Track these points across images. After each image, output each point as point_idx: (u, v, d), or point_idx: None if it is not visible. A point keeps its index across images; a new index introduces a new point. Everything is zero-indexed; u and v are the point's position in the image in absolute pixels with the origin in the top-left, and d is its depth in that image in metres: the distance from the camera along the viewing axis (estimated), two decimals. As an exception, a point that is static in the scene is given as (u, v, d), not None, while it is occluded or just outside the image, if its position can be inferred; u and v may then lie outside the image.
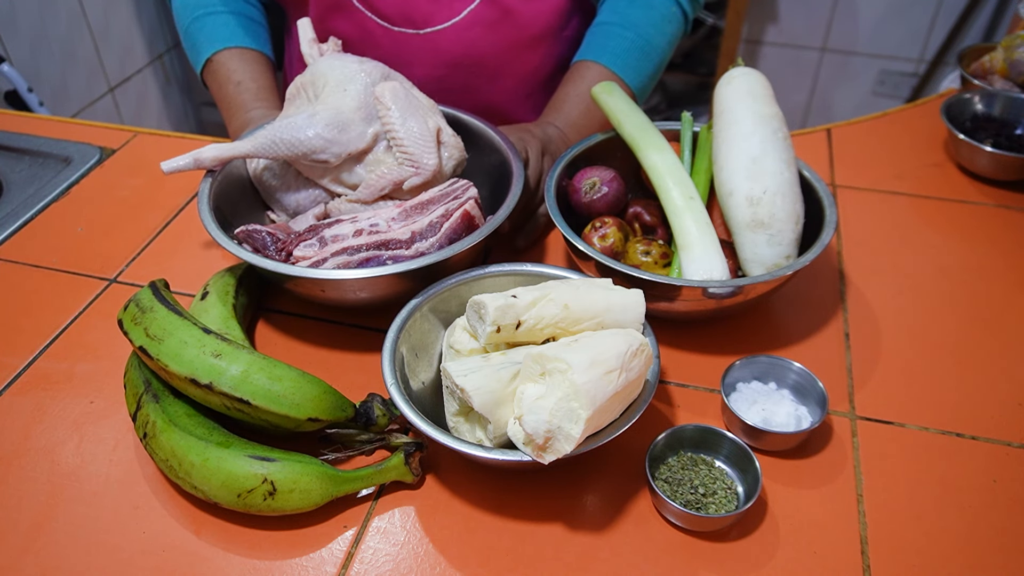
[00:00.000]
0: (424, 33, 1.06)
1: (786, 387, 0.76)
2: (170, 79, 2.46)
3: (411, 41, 1.07)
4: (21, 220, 1.02)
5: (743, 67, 0.91)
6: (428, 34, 1.06)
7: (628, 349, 0.62)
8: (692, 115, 0.94)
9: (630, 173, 0.93)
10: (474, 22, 1.06)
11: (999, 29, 2.30)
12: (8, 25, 1.86)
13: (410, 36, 1.07)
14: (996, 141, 1.08)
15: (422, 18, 1.06)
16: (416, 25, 1.06)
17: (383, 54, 1.08)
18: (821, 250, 0.79)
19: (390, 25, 1.06)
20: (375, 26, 1.07)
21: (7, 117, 1.24)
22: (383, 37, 1.08)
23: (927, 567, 0.64)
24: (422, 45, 1.07)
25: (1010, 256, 0.96)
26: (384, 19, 1.06)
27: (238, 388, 0.67)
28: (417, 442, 0.70)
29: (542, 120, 1.04)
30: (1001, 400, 0.78)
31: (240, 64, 1.06)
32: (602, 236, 0.84)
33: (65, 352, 0.84)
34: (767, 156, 0.82)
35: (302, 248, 0.80)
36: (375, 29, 1.07)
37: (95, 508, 0.69)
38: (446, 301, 0.78)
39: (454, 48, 1.07)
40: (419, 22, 1.06)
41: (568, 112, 1.03)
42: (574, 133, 1.02)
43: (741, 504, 0.67)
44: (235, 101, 1.05)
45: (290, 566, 0.65)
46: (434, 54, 1.08)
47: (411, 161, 0.86)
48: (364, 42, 1.08)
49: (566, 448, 0.60)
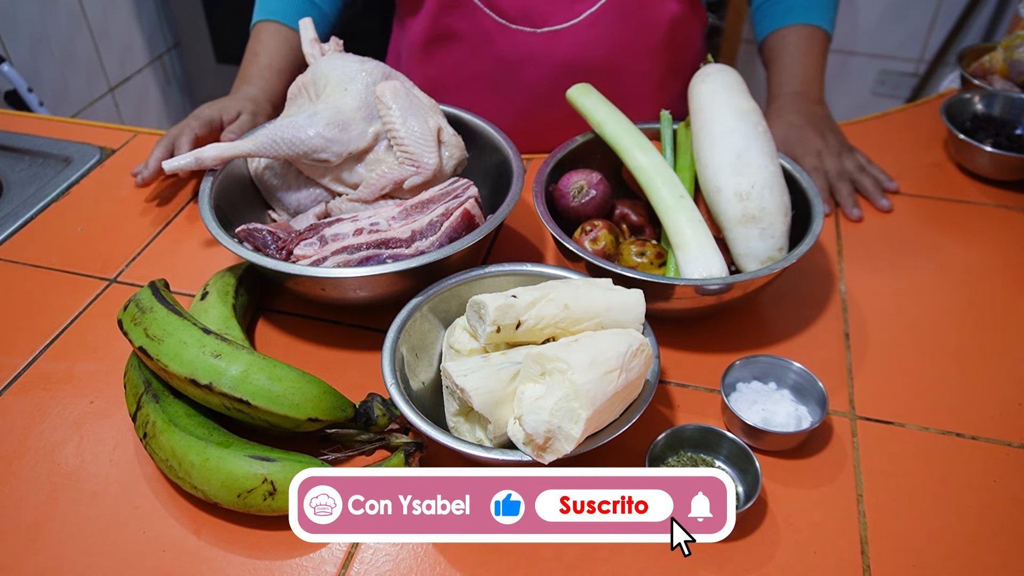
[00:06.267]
0: (541, 32, 1.07)
1: (786, 387, 0.76)
2: (170, 79, 2.46)
3: (527, 40, 1.08)
4: (21, 220, 1.02)
5: (716, 64, 0.92)
6: (545, 33, 1.07)
7: (628, 349, 0.62)
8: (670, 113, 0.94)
9: (611, 174, 0.93)
10: (593, 24, 1.06)
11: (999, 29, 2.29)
12: (8, 25, 1.86)
13: (527, 35, 1.07)
14: (996, 141, 1.08)
15: (541, 17, 1.06)
16: (535, 24, 1.07)
17: (498, 52, 1.09)
18: (814, 240, 0.80)
19: (508, 23, 1.07)
20: (492, 24, 1.07)
21: (7, 117, 1.24)
22: (499, 35, 1.08)
23: (927, 567, 0.64)
24: (538, 44, 1.08)
25: (1010, 256, 0.96)
26: (503, 17, 1.06)
27: (238, 388, 0.66)
28: (417, 442, 0.70)
29: (781, 108, 1.08)
30: (1001, 400, 0.78)
31: (269, 38, 1.10)
32: (593, 239, 0.84)
33: (65, 352, 0.84)
34: (751, 150, 0.82)
35: (302, 247, 0.80)
36: (492, 27, 1.07)
37: (95, 508, 0.69)
38: (446, 301, 0.78)
39: (570, 49, 1.08)
40: (538, 21, 1.07)
41: (794, 77, 1.09)
42: (815, 88, 1.09)
43: (741, 504, 0.67)
44: (245, 71, 1.11)
45: (290, 566, 0.65)
46: (549, 54, 1.08)
47: (411, 160, 0.86)
48: (479, 40, 1.09)
49: (566, 448, 0.60)
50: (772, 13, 1.13)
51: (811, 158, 1.03)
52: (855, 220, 1.00)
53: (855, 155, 1.05)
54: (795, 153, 1.02)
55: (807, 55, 1.10)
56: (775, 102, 1.10)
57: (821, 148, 1.03)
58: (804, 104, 1.07)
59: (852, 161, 1.04)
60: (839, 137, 1.06)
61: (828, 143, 1.04)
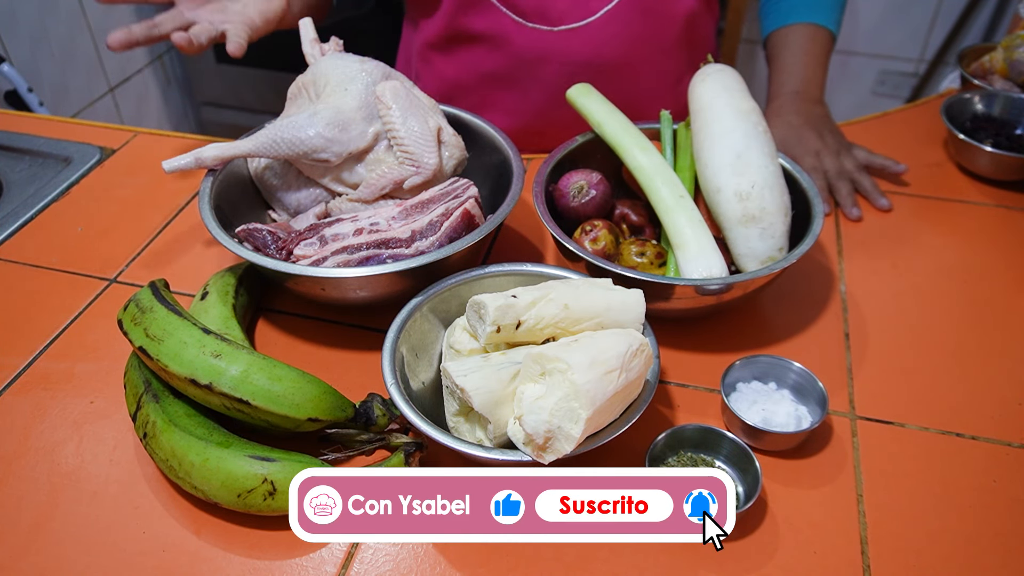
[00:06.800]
0: (558, 31, 1.07)
1: (786, 387, 0.76)
2: (170, 79, 2.46)
3: (544, 38, 1.08)
4: (21, 220, 1.02)
5: (716, 64, 0.92)
6: (562, 32, 1.07)
7: (628, 349, 0.62)
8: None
9: (611, 173, 0.93)
10: (610, 21, 1.06)
11: (999, 29, 2.29)
12: (8, 25, 1.86)
13: (544, 33, 1.07)
14: (996, 141, 1.08)
15: (558, 15, 1.06)
16: (551, 22, 1.07)
17: (515, 51, 1.09)
18: (814, 240, 0.80)
19: (525, 21, 1.07)
20: (509, 22, 1.07)
21: (7, 117, 1.24)
22: (516, 34, 1.08)
23: (927, 567, 0.64)
24: (555, 43, 1.08)
25: (1010, 256, 0.96)
26: (520, 15, 1.06)
27: (238, 388, 0.66)
28: (417, 442, 0.70)
29: (780, 108, 1.08)
30: (1001, 400, 0.78)
31: None
32: (593, 239, 0.84)
33: (65, 352, 0.84)
34: (751, 150, 0.82)
35: (302, 247, 0.80)
36: (509, 25, 1.07)
37: (95, 508, 0.69)
38: (446, 301, 0.78)
39: (587, 47, 1.08)
40: (555, 19, 1.07)
41: (794, 77, 1.09)
42: (814, 88, 1.09)
43: (741, 504, 0.67)
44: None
45: (290, 566, 0.65)
46: (566, 52, 1.08)
47: (412, 160, 0.86)
48: (496, 39, 1.09)
49: (566, 448, 0.60)
50: (777, 10, 1.14)
51: (810, 158, 1.03)
52: (855, 220, 1.00)
53: (854, 154, 1.05)
54: (794, 153, 1.02)
55: (808, 54, 1.10)
56: (774, 102, 1.10)
57: (820, 148, 1.03)
58: (803, 104, 1.07)
59: (851, 160, 1.04)
60: (838, 137, 1.06)
61: (827, 143, 1.04)
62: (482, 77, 1.13)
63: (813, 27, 1.11)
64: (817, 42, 1.11)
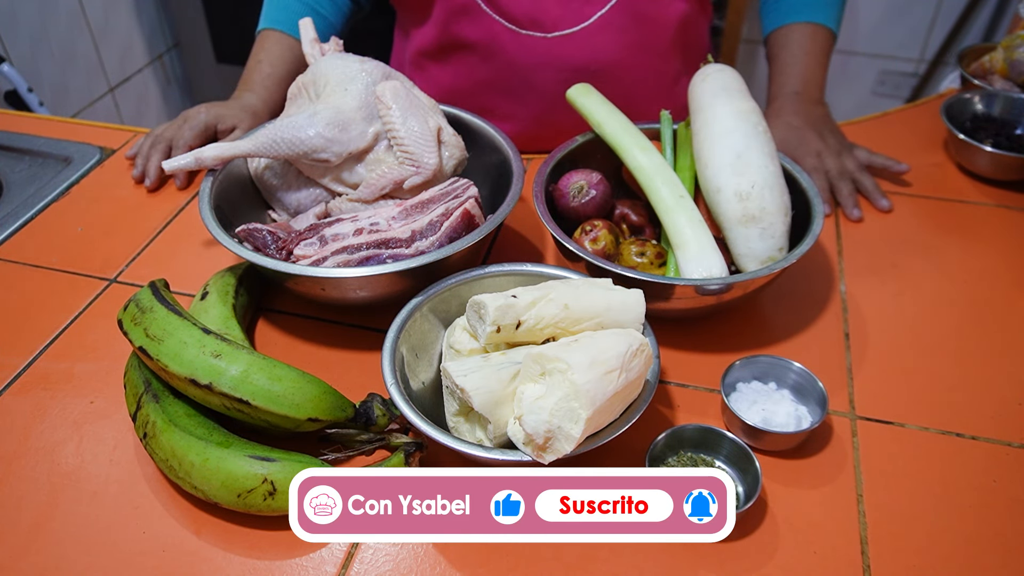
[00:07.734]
0: (551, 37, 1.06)
1: (786, 387, 0.76)
2: (170, 79, 2.46)
3: (538, 45, 1.07)
4: (21, 220, 1.02)
5: (716, 64, 0.92)
6: (555, 38, 1.06)
7: (628, 349, 0.62)
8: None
9: (611, 174, 0.93)
10: (603, 27, 1.06)
11: (999, 29, 2.29)
12: (8, 25, 1.86)
13: (537, 40, 1.07)
14: (996, 141, 1.08)
15: (551, 22, 1.06)
16: (544, 29, 1.06)
17: (508, 59, 1.08)
18: (814, 240, 0.80)
19: (518, 28, 1.06)
20: (502, 29, 1.06)
21: (7, 117, 1.24)
22: (509, 41, 1.07)
23: (927, 567, 0.64)
24: (549, 49, 1.07)
25: (1010, 256, 0.96)
26: (512, 22, 1.06)
27: (238, 388, 0.66)
28: (417, 442, 0.70)
29: (780, 109, 1.08)
30: (1001, 400, 0.78)
31: (272, 46, 1.12)
32: (593, 239, 0.84)
33: (65, 352, 0.84)
34: (751, 151, 0.82)
35: (302, 247, 0.80)
36: (502, 33, 1.07)
37: (95, 508, 0.69)
38: (446, 301, 0.78)
39: (581, 53, 1.07)
40: (547, 26, 1.06)
41: (794, 77, 1.09)
42: (815, 88, 1.09)
43: (741, 504, 0.67)
44: (248, 77, 1.12)
45: (290, 566, 0.65)
46: (560, 59, 1.08)
47: (412, 160, 0.86)
48: (489, 46, 1.08)
49: (566, 448, 0.60)
50: (777, 9, 1.14)
51: (812, 158, 1.03)
52: (855, 220, 1.00)
53: (855, 154, 1.05)
54: (795, 154, 1.02)
55: (809, 54, 1.10)
56: (774, 102, 1.10)
57: (821, 148, 1.03)
58: (803, 104, 1.07)
59: (852, 161, 1.04)
60: (839, 137, 1.06)
61: (828, 143, 1.04)
62: (478, 84, 1.13)
63: (813, 26, 1.11)
64: (817, 41, 1.11)
